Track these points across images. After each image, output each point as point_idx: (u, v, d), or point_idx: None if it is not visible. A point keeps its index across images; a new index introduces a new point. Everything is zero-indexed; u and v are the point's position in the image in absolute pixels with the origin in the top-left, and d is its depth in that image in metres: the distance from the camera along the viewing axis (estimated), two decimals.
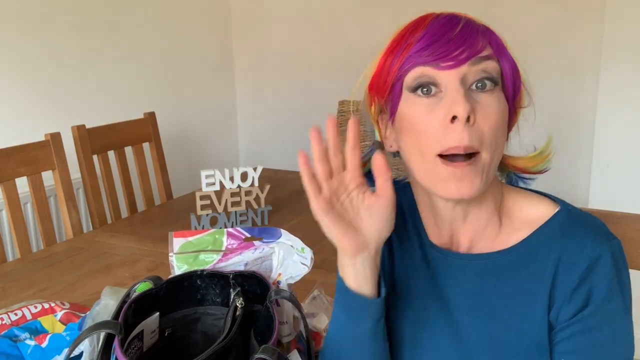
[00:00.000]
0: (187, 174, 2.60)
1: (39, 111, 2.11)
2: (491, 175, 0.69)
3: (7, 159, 1.67)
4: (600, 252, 0.69)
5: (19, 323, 1.06)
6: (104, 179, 2.00)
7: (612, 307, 0.69)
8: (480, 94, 0.67)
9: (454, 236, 0.77)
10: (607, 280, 0.68)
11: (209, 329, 0.81)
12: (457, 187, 0.66)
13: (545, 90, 2.36)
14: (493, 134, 0.66)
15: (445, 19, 0.68)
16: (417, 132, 0.68)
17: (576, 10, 2.25)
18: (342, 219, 0.67)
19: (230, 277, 0.79)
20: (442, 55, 0.65)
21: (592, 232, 0.70)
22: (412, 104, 0.68)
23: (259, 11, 2.94)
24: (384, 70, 0.70)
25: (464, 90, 0.65)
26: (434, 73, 0.66)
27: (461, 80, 0.66)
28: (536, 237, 0.73)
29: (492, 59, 0.67)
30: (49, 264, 1.49)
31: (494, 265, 0.74)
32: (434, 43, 0.66)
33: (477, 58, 0.66)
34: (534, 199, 0.77)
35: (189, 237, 0.83)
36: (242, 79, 3.07)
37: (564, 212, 0.74)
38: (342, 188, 0.67)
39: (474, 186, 0.66)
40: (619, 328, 0.69)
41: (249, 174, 1.70)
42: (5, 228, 1.95)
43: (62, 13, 2.17)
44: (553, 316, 0.71)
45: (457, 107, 0.64)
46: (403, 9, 2.44)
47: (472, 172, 0.66)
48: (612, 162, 2.21)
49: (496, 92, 0.68)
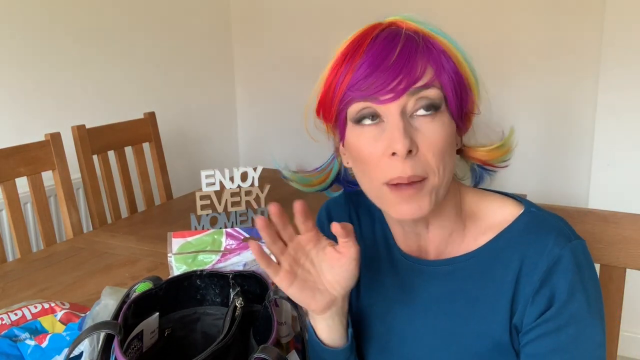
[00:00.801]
0: (187, 174, 2.60)
1: (39, 111, 2.11)
2: (441, 194, 0.69)
3: (7, 159, 1.67)
4: (560, 253, 0.68)
5: (19, 323, 1.06)
6: (104, 179, 2.00)
7: (574, 307, 0.68)
8: (422, 121, 0.66)
9: (421, 245, 0.78)
10: (567, 281, 0.68)
11: (208, 329, 0.81)
12: (407, 209, 0.67)
13: (545, 90, 2.36)
14: (438, 159, 0.67)
15: (385, 40, 0.67)
16: (364, 162, 0.69)
17: (576, 10, 2.25)
18: (306, 283, 0.68)
19: (229, 277, 0.79)
20: (379, 88, 0.65)
21: (553, 234, 0.70)
22: (358, 134, 0.69)
23: (259, 11, 2.93)
24: (328, 97, 0.70)
25: (403, 125, 0.65)
26: (374, 106, 0.66)
27: (401, 112, 0.66)
28: (499, 240, 0.73)
29: (431, 86, 0.66)
30: (49, 264, 1.49)
31: (460, 269, 0.75)
32: (372, 73, 0.65)
33: (415, 88, 0.65)
34: (497, 200, 0.77)
35: (188, 237, 0.83)
36: (242, 79, 3.07)
37: (527, 213, 0.74)
38: (300, 252, 0.68)
39: (422, 207, 0.67)
40: (583, 328, 0.68)
41: (249, 174, 1.69)
42: (5, 228, 1.95)
43: (62, 13, 2.17)
44: (517, 319, 0.71)
45: (395, 144, 0.64)
46: (403, 9, 2.43)
47: (418, 195, 0.67)
48: (612, 162, 2.21)
49: (438, 115, 0.67)
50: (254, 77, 3.03)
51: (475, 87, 0.71)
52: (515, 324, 0.71)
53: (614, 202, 2.13)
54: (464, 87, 0.70)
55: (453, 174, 0.72)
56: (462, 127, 0.73)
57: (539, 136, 2.40)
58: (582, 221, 0.99)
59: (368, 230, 0.84)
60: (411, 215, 0.68)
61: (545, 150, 2.40)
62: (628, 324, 1.23)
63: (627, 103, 2.14)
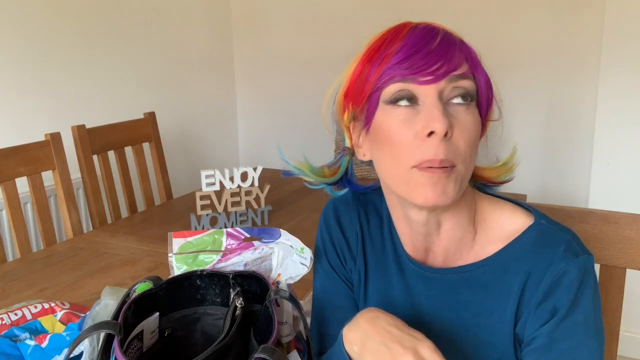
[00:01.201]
0: (187, 174, 2.60)
1: (39, 111, 2.11)
2: (464, 185, 0.69)
3: (7, 159, 1.67)
4: (566, 268, 0.69)
5: (19, 323, 1.06)
6: (104, 179, 2.00)
7: (573, 323, 0.68)
8: (457, 108, 0.67)
9: (429, 250, 0.77)
10: (569, 296, 0.68)
11: (208, 329, 0.81)
12: (432, 191, 0.66)
13: (546, 91, 2.36)
14: (469, 148, 0.67)
15: (424, 30, 0.68)
16: (394, 143, 0.68)
17: (577, 10, 2.25)
18: None
19: (230, 277, 0.79)
20: (420, 69, 0.65)
21: (561, 247, 0.70)
22: (389, 115, 0.68)
23: (259, 11, 2.93)
24: (361, 79, 0.70)
25: (442, 106, 0.65)
26: (412, 87, 0.66)
27: (439, 95, 0.66)
28: (508, 251, 0.73)
29: (468, 76, 0.68)
30: (49, 264, 1.49)
31: (467, 279, 0.75)
32: (412, 56, 0.66)
33: (455, 75, 0.66)
34: (508, 209, 0.77)
35: (188, 237, 0.83)
36: (242, 79, 3.07)
37: (537, 225, 0.74)
38: None
39: (448, 193, 0.67)
40: (577, 345, 0.68)
41: (249, 174, 1.70)
42: (5, 228, 1.95)
43: (62, 13, 2.17)
44: (520, 330, 0.71)
45: (435, 123, 0.64)
46: (403, 9, 2.44)
47: (447, 179, 0.66)
48: (612, 162, 2.21)
49: (472, 107, 0.68)
50: (254, 77, 3.03)
51: (496, 94, 0.73)
52: (517, 334, 0.71)
53: (614, 202, 2.13)
54: (490, 89, 0.72)
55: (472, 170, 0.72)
56: (481, 130, 0.73)
57: (539, 136, 2.40)
58: (582, 221, 0.99)
59: (376, 231, 0.83)
60: (435, 200, 0.66)
61: (545, 151, 2.41)
62: (628, 324, 1.23)
63: (627, 103, 2.14)
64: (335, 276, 0.85)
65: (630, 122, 2.15)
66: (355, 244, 0.84)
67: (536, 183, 2.42)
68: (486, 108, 0.72)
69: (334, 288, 0.86)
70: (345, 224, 0.84)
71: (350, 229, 0.84)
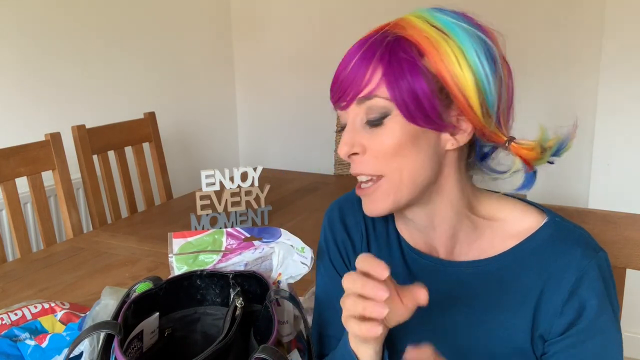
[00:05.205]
0: (187, 174, 2.60)
1: (39, 111, 2.11)
2: (406, 192, 0.70)
3: (7, 159, 1.67)
4: (588, 266, 0.70)
5: (19, 323, 1.06)
6: (104, 179, 2.00)
7: (603, 320, 0.70)
8: (370, 128, 0.70)
9: (430, 242, 0.78)
10: (597, 294, 0.70)
11: (208, 329, 0.81)
12: (365, 204, 0.74)
13: (546, 90, 2.36)
14: (387, 160, 0.69)
15: (353, 50, 0.71)
16: None
17: (576, 10, 2.25)
18: None
19: (230, 277, 0.79)
20: (336, 98, 0.71)
21: (581, 245, 0.71)
22: None
23: (259, 12, 2.93)
24: None
25: (353, 129, 0.70)
26: (340, 113, 0.73)
27: (353, 119, 0.70)
28: (523, 248, 0.73)
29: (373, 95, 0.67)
30: (49, 264, 1.49)
31: (481, 273, 0.75)
32: (335, 83, 0.71)
33: (359, 99, 0.69)
34: (520, 208, 0.77)
35: (188, 237, 0.83)
36: (242, 79, 3.07)
37: (552, 223, 0.74)
38: None
39: (376, 204, 0.72)
40: (610, 339, 0.71)
41: (249, 174, 1.70)
42: (5, 228, 1.95)
43: (62, 13, 2.17)
44: (544, 329, 0.72)
45: (341, 147, 0.71)
46: (403, 10, 2.43)
47: (375, 191, 0.71)
48: (612, 162, 2.21)
49: (386, 123, 0.68)
50: (254, 77, 3.03)
51: (473, 90, 0.67)
52: (541, 334, 0.72)
53: (614, 202, 2.13)
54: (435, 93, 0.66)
55: (428, 175, 0.70)
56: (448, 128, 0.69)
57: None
58: (582, 221, 0.99)
59: (382, 230, 0.83)
60: (369, 212, 0.73)
61: None
62: (628, 324, 1.23)
63: (627, 103, 2.14)
64: (338, 278, 0.85)
65: (630, 122, 2.15)
66: (360, 244, 0.84)
67: (536, 183, 2.41)
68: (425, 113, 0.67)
69: (336, 290, 0.85)
70: (350, 225, 0.85)
71: (355, 230, 0.84)
